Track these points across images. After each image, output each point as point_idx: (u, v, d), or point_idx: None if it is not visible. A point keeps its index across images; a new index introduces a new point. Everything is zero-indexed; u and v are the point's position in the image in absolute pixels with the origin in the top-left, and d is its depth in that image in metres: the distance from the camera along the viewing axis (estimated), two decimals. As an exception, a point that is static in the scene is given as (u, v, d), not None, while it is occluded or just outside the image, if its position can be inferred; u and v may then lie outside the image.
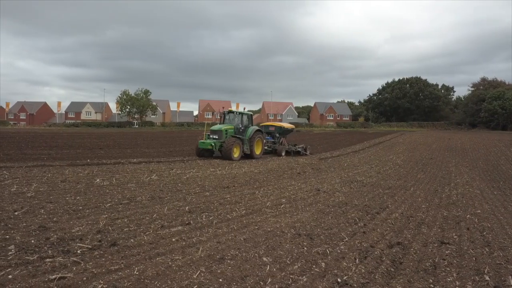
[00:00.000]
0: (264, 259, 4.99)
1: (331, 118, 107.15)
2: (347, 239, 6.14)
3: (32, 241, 5.06)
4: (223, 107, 22.83)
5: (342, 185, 11.75)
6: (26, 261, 4.39)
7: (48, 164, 13.12)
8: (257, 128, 20.96)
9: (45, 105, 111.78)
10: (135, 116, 79.49)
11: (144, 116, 79.64)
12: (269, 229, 6.39)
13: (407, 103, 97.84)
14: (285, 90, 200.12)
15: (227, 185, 10.72)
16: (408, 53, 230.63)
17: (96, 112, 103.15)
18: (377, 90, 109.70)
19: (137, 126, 73.14)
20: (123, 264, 4.51)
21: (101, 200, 7.86)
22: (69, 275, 4.07)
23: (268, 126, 24.58)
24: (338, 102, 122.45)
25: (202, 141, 19.51)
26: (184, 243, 5.45)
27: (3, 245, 4.85)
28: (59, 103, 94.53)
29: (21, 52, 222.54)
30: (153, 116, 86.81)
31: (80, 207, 7.16)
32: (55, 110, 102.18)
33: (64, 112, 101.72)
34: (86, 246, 5.01)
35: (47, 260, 4.45)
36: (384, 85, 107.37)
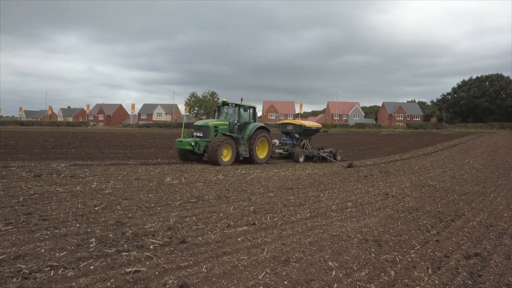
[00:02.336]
0: (330, 263, 4.90)
1: (400, 118, 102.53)
2: (418, 247, 5.82)
3: (110, 235, 5.43)
4: (217, 98, 17.35)
5: (412, 189, 11.17)
6: (105, 253, 4.72)
7: (123, 163, 14.04)
8: (260, 125, 16.95)
9: (120, 107, 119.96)
10: (202, 117, 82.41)
11: (210, 117, 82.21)
12: (334, 233, 6.26)
13: (486, 102, 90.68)
14: (352, 90, 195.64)
15: (291, 186, 10.69)
16: (489, 48, 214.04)
17: (166, 114, 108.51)
18: (452, 89, 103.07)
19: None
20: (191, 261, 4.68)
21: (171, 198, 8.24)
22: (143, 269, 4.31)
23: (285, 124, 20.50)
24: (408, 101, 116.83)
25: (179, 139, 15.72)
26: (249, 243, 5.52)
27: (86, 237, 5.26)
28: (133, 105, 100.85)
29: (101, 57, 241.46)
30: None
31: (152, 204, 7.56)
32: (129, 112, 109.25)
33: (137, 114, 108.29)
34: (158, 242, 5.27)
35: (123, 253, 4.75)
36: (460, 83, 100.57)
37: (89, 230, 5.63)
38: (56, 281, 3.88)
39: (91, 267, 4.28)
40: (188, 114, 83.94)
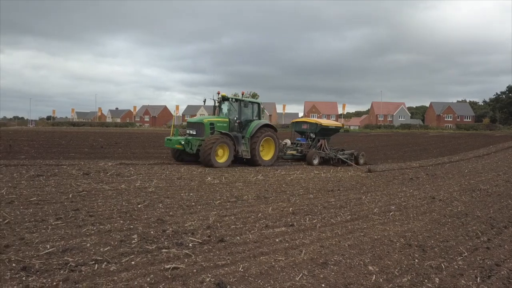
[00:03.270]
0: (370, 267, 4.74)
1: (449, 119, 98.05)
2: (466, 254, 5.51)
3: (152, 232, 5.58)
4: (218, 92, 15.36)
5: (461, 193, 10.62)
6: (146, 250, 4.85)
7: (166, 162, 14.41)
8: (264, 122, 15.31)
9: (165, 109, 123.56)
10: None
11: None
12: (376, 237, 6.07)
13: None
14: (397, 90, 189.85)
15: (332, 188, 10.50)
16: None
17: (209, 115, 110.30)
18: (507, 87, 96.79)
19: (245, 128, 76.22)
20: (229, 260, 4.70)
21: (211, 197, 8.35)
22: (181, 266, 4.38)
23: (300, 123, 18.64)
24: (458, 101, 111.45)
25: (168, 137, 14.41)
26: (287, 244, 5.47)
27: (128, 234, 5.44)
28: (177, 107, 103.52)
29: (148, 60, 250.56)
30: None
31: (193, 203, 7.69)
32: (173, 113, 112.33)
33: (181, 115, 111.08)
34: (197, 240, 5.35)
35: (163, 250, 4.86)
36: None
37: (132, 226, 5.82)
38: (100, 274, 4.04)
39: (133, 262, 4.41)
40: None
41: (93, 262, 4.33)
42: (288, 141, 18.25)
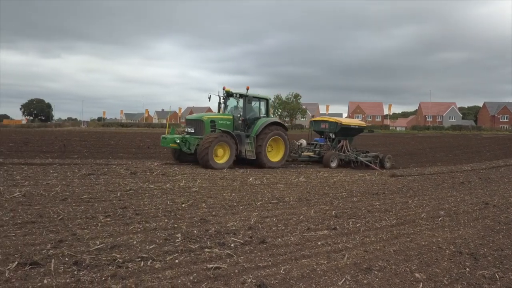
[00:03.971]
0: (417, 275, 4.55)
1: (505, 120, 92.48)
2: (524, 264, 5.15)
3: (195, 232, 5.69)
4: (223, 88, 14.27)
5: (518, 199, 9.95)
6: (189, 249, 4.95)
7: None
8: (272, 120, 14.27)
9: (209, 110, 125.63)
10: (286, 120, 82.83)
11: (294, 119, 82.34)
12: (423, 243, 5.82)
13: None
14: (448, 89, 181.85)
15: (377, 191, 10.20)
16: None
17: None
18: None
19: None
20: (270, 261, 4.69)
21: (253, 198, 8.38)
22: (223, 266, 4.43)
23: (318, 122, 17.25)
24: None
25: (164, 136, 13.52)
26: (329, 247, 5.38)
27: (173, 232, 5.58)
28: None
29: (193, 63, 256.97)
30: (302, 119, 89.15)
31: (235, 204, 7.76)
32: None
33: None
34: (239, 240, 5.38)
35: (206, 250, 4.94)
36: None
37: (176, 225, 5.96)
38: (145, 271, 4.16)
39: (176, 261, 4.51)
40: (272, 116, 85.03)
41: (139, 259, 4.47)
42: (304, 142, 16.97)
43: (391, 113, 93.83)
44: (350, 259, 4.93)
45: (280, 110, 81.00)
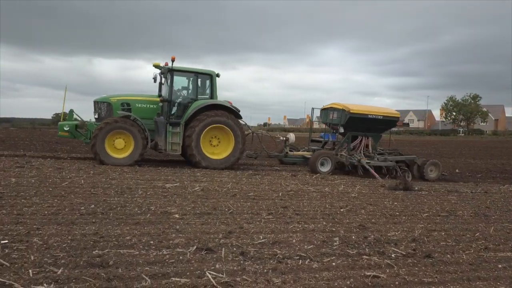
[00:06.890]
0: None
1: None
2: None
3: (353, 237, 5.58)
4: (165, 63, 10.76)
5: None
6: (347, 253, 4.88)
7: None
8: (212, 102, 10.79)
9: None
10: (461, 124, 73.98)
11: (471, 124, 72.96)
12: None
13: None
14: None
15: None
16: None
17: (418, 120, 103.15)
18: None
19: (462, 135, 67.81)
20: (436, 278, 4.26)
21: (417, 209, 7.75)
22: (382, 275, 4.22)
23: (328, 112, 12.84)
24: None
25: (61, 122, 10.76)
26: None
27: (330, 235, 5.59)
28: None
29: (357, 67, 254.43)
30: (482, 124, 78.26)
31: (397, 213, 7.31)
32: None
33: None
34: (400, 252, 5.05)
35: (364, 257, 4.79)
36: None
37: (333, 229, 5.96)
38: (303, 269, 4.29)
39: (333, 264, 4.51)
40: (444, 120, 77.28)
41: (298, 257, 4.63)
42: (291, 136, 13.35)
43: None
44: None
45: (454, 114, 72.94)
